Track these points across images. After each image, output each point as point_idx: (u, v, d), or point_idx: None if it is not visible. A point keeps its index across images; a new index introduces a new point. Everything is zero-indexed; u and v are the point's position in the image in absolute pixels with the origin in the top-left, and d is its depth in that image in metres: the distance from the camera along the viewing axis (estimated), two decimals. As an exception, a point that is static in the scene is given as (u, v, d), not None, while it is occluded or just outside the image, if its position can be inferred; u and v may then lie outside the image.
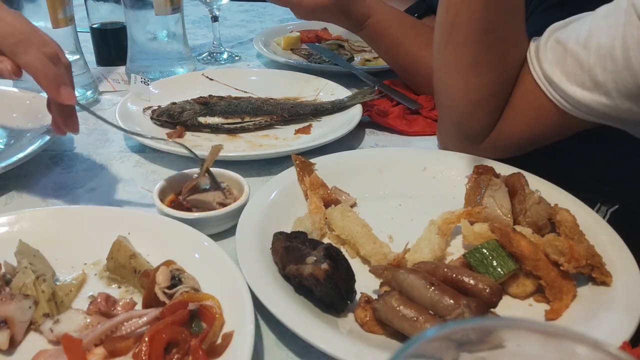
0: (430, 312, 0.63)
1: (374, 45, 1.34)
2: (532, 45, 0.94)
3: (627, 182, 1.18)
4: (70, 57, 1.26)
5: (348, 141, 1.13)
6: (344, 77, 1.41)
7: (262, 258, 0.75)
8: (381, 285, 0.72)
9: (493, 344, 0.34)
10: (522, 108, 0.96)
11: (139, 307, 0.69)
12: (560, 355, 0.33)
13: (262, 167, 1.05)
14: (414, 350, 0.32)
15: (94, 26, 1.50)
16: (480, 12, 0.90)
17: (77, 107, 0.90)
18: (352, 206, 0.91)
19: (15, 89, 1.24)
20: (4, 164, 0.96)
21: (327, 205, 0.87)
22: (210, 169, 0.92)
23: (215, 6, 1.56)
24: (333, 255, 0.69)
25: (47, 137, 1.04)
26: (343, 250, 0.80)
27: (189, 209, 0.87)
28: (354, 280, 0.69)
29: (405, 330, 0.63)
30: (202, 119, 1.17)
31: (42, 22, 1.19)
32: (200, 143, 1.13)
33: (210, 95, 1.24)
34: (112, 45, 1.52)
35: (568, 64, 0.87)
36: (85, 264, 0.76)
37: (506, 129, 0.98)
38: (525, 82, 0.95)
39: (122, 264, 0.73)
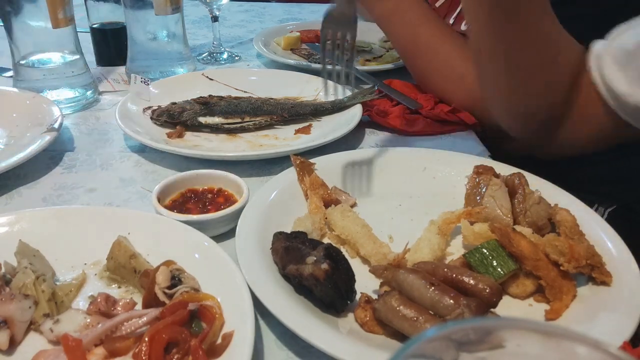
0: (430, 312, 0.63)
1: (388, 27, 1.32)
2: (594, 51, 0.93)
3: (627, 182, 1.18)
4: (70, 57, 1.27)
5: (348, 141, 1.13)
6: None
7: (262, 258, 0.75)
8: (381, 285, 0.72)
9: (493, 344, 0.34)
10: (584, 118, 0.97)
11: (139, 307, 0.69)
12: (560, 355, 0.33)
13: (262, 167, 1.05)
14: (414, 350, 0.32)
15: (94, 26, 1.50)
16: (489, 26, 0.90)
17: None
18: (352, 206, 0.91)
19: (15, 89, 1.24)
20: (4, 164, 0.95)
21: (327, 205, 0.87)
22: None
23: (215, 6, 1.56)
24: (333, 255, 0.69)
25: (47, 137, 1.04)
26: (343, 250, 0.80)
27: (188, 211, 0.87)
28: (354, 280, 0.70)
29: (405, 330, 0.63)
30: (202, 119, 1.17)
31: (42, 22, 1.19)
32: (200, 143, 1.13)
33: (210, 95, 1.24)
34: (112, 45, 1.52)
35: (632, 68, 0.86)
36: (85, 264, 0.76)
37: (570, 138, 1.00)
38: (586, 90, 0.94)
39: (122, 264, 0.73)
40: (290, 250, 0.72)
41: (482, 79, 1.01)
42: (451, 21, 1.45)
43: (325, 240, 0.83)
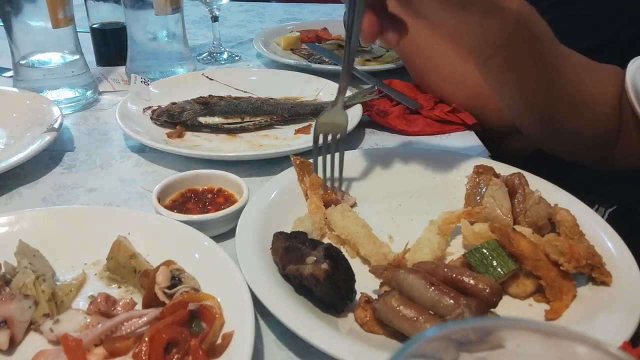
0: (430, 312, 0.63)
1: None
2: (629, 71, 0.93)
3: (627, 182, 1.18)
4: (70, 57, 1.27)
5: (348, 141, 1.13)
6: (344, 77, 1.40)
7: (262, 258, 0.75)
8: (381, 285, 0.72)
9: (493, 344, 0.34)
10: (632, 141, 0.97)
11: (139, 307, 0.69)
12: (560, 355, 0.33)
13: (262, 167, 1.05)
14: (414, 350, 0.32)
15: (94, 26, 1.50)
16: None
17: None
18: (352, 206, 0.91)
19: (15, 89, 1.24)
20: (4, 164, 0.96)
21: (327, 205, 0.87)
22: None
23: (215, 6, 1.56)
24: (333, 255, 0.69)
25: (47, 137, 1.04)
26: (343, 250, 0.80)
27: (188, 211, 0.87)
28: (354, 280, 0.69)
29: (405, 330, 0.63)
30: (202, 119, 1.17)
31: (42, 22, 1.19)
32: (200, 143, 1.13)
33: (210, 95, 1.24)
34: (112, 45, 1.52)
35: None
36: (85, 264, 0.76)
37: (627, 154, 1.00)
38: (626, 111, 0.94)
39: (122, 264, 0.73)
40: (290, 250, 0.72)
41: (526, 131, 1.04)
42: None
43: (325, 240, 0.83)
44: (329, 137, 0.95)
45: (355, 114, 1.17)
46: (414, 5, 0.79)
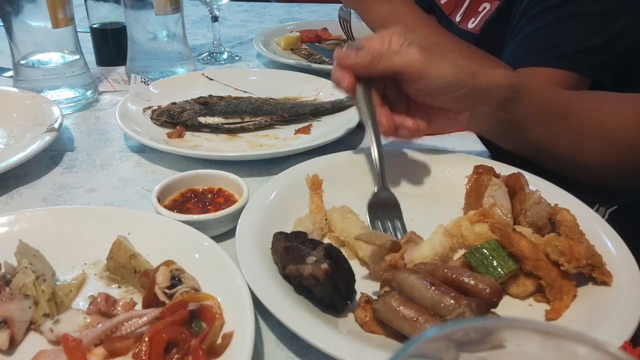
0: (431, 312, 0.63)
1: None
2: None
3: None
4: (70, 57, 1.27)
5: (348, 141, 1.13)
6: (344, 77, 1.40)
7: (262, 258, 0.75)
8: (381, 285, 0.72)
9: (493, 344, 0.34)
10: None
11: (139, 307, 0.69)
12: (560, 355, 0.33)
13: (262, 167, 1.05)
14: (414, 351, 0.32)
15: (94, 26, 1.50)
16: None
17: None
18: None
19: (15, 89, 1.24)
20: (4, 164, 0.96)
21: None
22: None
23: (215, 6, 1.56)
24: (333, 256, 0.68)
25: (47, 137, 1.04)
26: (343, 251, 0.80)
27: (188, 211, 0.87)
28: (354, 281, 0.69)
29: (405, 331, 0.63)
30: (202, 119, 1.17)
31: (42, 22, 1.19)
32: (200, 143, 1.13)
33: (210, 95, 1.24)
34: (112, 45, 1.52)
35: None
36: (85, 264, 0.76)
37: None
38: None
39: (122, 264, 0.73)
40: (290, 250, 0.72)
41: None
42: (458, 19, 1.45)
43: (326, 241, 0.83)
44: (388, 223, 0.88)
45: (355, 114, 1.17)
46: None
